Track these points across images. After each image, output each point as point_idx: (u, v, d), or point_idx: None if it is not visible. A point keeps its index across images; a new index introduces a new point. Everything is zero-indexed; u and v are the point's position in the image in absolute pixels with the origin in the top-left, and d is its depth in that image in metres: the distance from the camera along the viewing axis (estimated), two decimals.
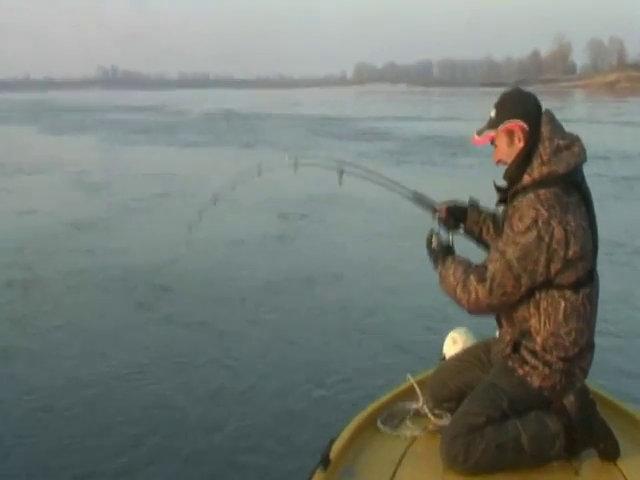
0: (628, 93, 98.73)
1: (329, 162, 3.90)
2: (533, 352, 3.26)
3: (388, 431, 3.54)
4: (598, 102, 70.34)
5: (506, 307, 3.29)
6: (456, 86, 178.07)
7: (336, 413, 5.06)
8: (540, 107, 3.32)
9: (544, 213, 3.10)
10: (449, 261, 3.41)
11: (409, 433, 3.52)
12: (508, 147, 3.30)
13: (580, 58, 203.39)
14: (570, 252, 3.11)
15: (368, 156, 23.12)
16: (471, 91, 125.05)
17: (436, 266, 3.47)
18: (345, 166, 3.83)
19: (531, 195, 3.18)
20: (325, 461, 3.14)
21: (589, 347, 3.33)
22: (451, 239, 3.59)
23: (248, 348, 6.52)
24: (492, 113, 3.36)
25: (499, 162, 3.38)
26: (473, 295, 3.23)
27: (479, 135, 3.40)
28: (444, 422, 3.50)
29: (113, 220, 12.71)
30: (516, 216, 3.19)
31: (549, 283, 3.17)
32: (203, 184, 16.35)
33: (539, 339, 3.25)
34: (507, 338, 3.36)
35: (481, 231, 3.70)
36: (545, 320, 3.22)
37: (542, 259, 3.11)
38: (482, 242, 3.71)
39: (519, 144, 3.27)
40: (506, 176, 3.36)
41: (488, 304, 3.24)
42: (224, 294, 8.06)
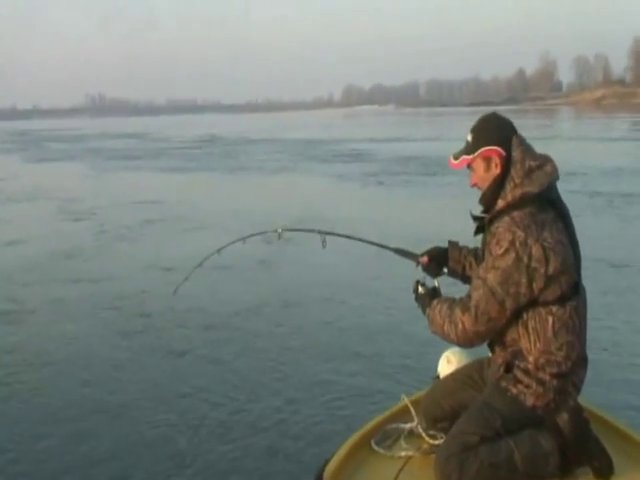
0: (615, 109, 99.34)
1: (314, 230, 4.13)
2: (526, 371, 3.26)
3: (382, 451, 3.55)
4: (586, 119, 70.67)
5: (494, 332, 3.29)
6: (444, 106, 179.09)
7: (329, 434, 5.02)
8: (515, 132, 3.33)
9: (520, 234, 3.12)
10: (434, 302, 3.44)
11: (403, 453, 3.52)
12: (485, 172, 3.32)
13: (566, 75, 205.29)
14: (551, 268, 3.12)
15: (348, 177, 23.26)
16: (459, 111, 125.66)
17: (424, 311, 3.51)
18: (327, 234, 4.09)
19: (506, 218, 3.20)
20: None
21: (582, 361, 3.33)
22: (437, 284, 3.65)
23: (237, 374, 6.47)
24: (469, 137, 3.37)
25: (475, 186, 3.40)
26: (460, 326, 3.24)
27: (455, 159, 3.41)
28: (438, 442, 3.50)
29: (98, 248, 12.60)
30: (493, 242, 3.20)
31: (534, 301, 3.18)
32: (187, 211, 16.55)
33: (531, 358, 3.24)
34: (499, 361, 3.36)
35: (464, 268, 3.74)
36: (535, 339, 3.22)
37: (523, 280, 3.12)
38: (467, 278, 3.72)
39: (496, 170, 3.28)
40: (482, 202, 3.38)
41: (475, 332, 3.24)
42: (210, 321, 7.96)
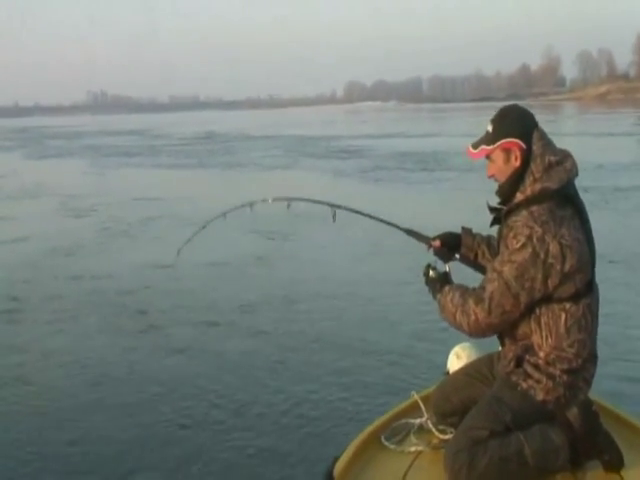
0: (620, 104, 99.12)
1: (325, 202, 4.09)
2: (536, 366, 3.26)
3: (392, 447, 3.55)
4: (591, 114, 70.51)
5: (506, 325, 3.29)
6: (446, 102, 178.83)
7: (337, 431, 5.05)
8: (536, 125, 3.30)
9: (538, 230, 3.10)
10: (446, 289, 3.42)
11: (413, 448, 3.54)
12: (504, 164, 3.29)
13: (569, 71, 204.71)
14: (567, 266, 3.11)
15: (343, 173, 23.42)
16: (461, 106, 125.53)
17: (435, 295, 3.49)
18: (340, 208, 4.01)
19: (524, 212, 3.19)
20: (329, 478, 3.15)
21: (592, 358, 3.33)
22: (448, 269, 3.62)
23: (240, 370, 6.47)
24: (489, 127, 3.33)
25: (492, 177, 3.38)
26: (472, 317, 3.24)
27: (475, 148, 3.38)
28: (448, 437, 3.51)
29: (98, 245, 12.64)
30: (510, 235, 3.18)
31: (548, 297, 3.17)
32: (186, 207, 16.50)
33: (542, 353, 3.25)
34: (510, 355, 3.36)
35: (476, 256, 3.72)
36: (547, 334, 3.22)
37: (539, 276, 3.11)
38: (478, 266, 3.71)
39: (515, 163, 3.25)
40: (499, 193, 3.37)
41: (488, 324, 3.24)
42: (211, 318, 7.96)
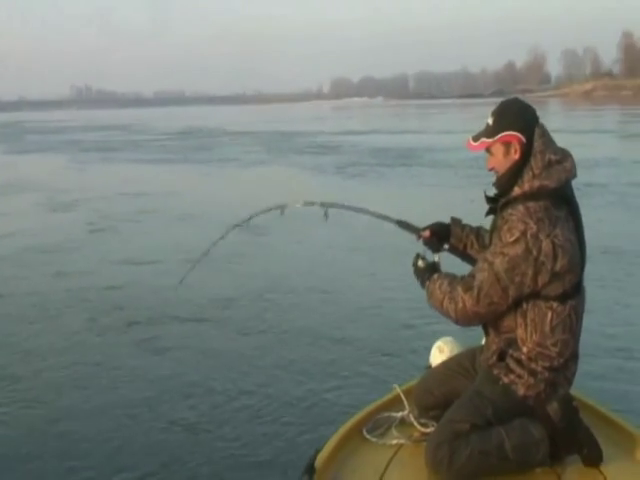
0: (605, 101, 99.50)
1: (317, 203, 4.06)
2: (519, 361, 3.29)
3: (374, 440, 3.56)
4: (577, 111, 70.74)
5: (492, 316, 3.31)
6: (433, 98, 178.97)
7: (319, 424, 5.06)
8: (537, 119, 3.32)
9: (533, 226, 3.13)
10: (435, 277, 3.44)
11: (395, 441, 3.54)
12: (504, 157, 3.31)
13: (554, 68, 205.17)
14: (558, 265, 3.14)
15: (321, 169, 23.53)
16: (447, 103, 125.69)
17: (423, 284, 3.51)
18: (332, 206, 4.01)
19: (520, 207, 3.20)
20: (310, 470, 3.16)
21: (574, 357, 3.36)
22: (437, 259, 3.64)
23: (226, 365, 6.46)
24: (489, 120, 3.35)
25: (492, 170, 3.40)
26: (460, 304, 3.26)
27: (475, 141, 3.40)
28: (429, 430, 3.52)
29: (79, 241, 12.55)
30: (505, 228, 3.20)
31: (536, 294, 3.20)
32: (165, 203, 16.65)
33: (525, 349, 3.27)
34: (493, 347, 3.38)
35: (465, 246, 3.73)
36: (532, 330, 3.25)
37: (529, 272, 3.14)
38: (467, 257, 3.73)
39: (515, 156, 3.27)
40: (497, 185, 3.39)
41: (475, 312, 3.27)
42: (197, 313, 7.97)
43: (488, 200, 3.48)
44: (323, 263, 10.44)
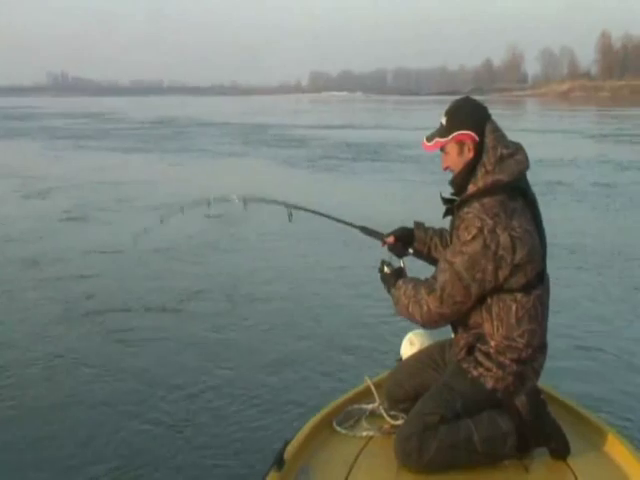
0: (582, 102, 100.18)
1: (280, 203, 4.14)
2: (487, 354, 3.31)
3: (344, 432, 3.57)
4: (555, 111, 71.14)
5: (458, 315, 3.34)
6: (412, 95, 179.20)
7: (290, 415, 5.09)
8: (489, 118, 3.36)
9: (489, 222, 3.15)
10: (399, 283, 3.46)
11: (364, 433, 3.56)
12: (458, 156, 3.34)
13: (531, 67, 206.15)
14: (517, 257, 3.16)
15: (289, 162, 23.70)
16: (426, 99, 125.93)
17: (389, 290, 3.53)
18: (295, 208, 4.09)
19: (476, 204, 3.23)
20: (279, 461, 3.16)
21: (542, 347, 3.38)
22: (402, 264, 3.67)
23: (192, 357, 6.46)
24: (443, 120, 3.38)
25: (447, 169, 3.43)
26: (425, 307, 3.28)
27: (429, 141, 3.43)
28: (399, 422, 3.54)
29: (47, 230, 12.47)
30: (462, 226, 3.23)
31: (499, 288, 3.22)
32: (138, 192, 16.62)
33: (493, 342, 3.30)
34: (461, 342, 3.41)
35: (430, 249, 3.76)
36: (498, 324, 3.27)
37: (490, 267, 3.16)
38: (432, 260, 3.74)
39: (469, 154, 3.31)
40: (453, 184, 3.42)
41: (440, 314, 3.29)
42: (158, 305, 7.94)
43: (444, 201, 3.50)
44: (293, 255, 10.50)
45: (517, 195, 3.26)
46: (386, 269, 3.60)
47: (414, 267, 3.68)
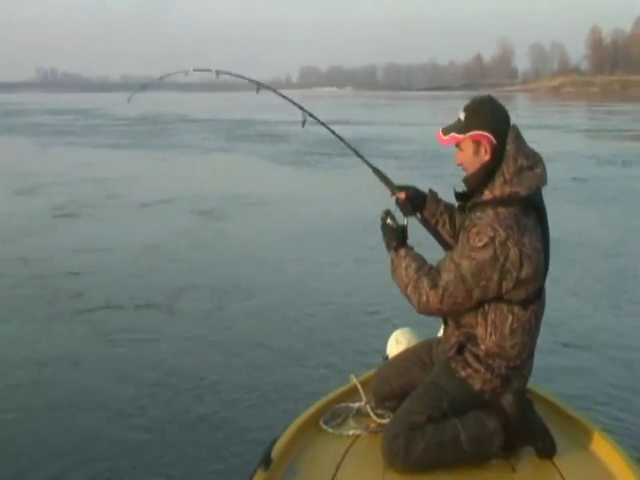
0: (573, 97, 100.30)
1: (296, 103, 4.33)
2: (476, 356, 3.31)
3: (330, 430, 3.57)
4: (547, 106, 71.22)
5: (455, 314, 3.34)
6: (403, 90, 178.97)
7: (277, 414, 5.07)
8: (509, 121, 3.31)
9: (502, 233, 3.13)
10: (402, 252, 3.41)
11: (351, 432, 3.55)
12: (473, 156, 3.29)
13: (521, 62, 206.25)
14: (523, 273, 3.16)
15: (263, 156, 24.11)
16: (416, 95, 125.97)
17: (389, 247, 3.47)
18: (310, 115, 4.23)
19: (490, 212, 3.20)
20: (266, 460, 3.15)
21: (530, 357, 3.40)
22: (406, 222, 3.58)
23: (176, 355, 6.45)
24: (461, 116, 3.32)
25: (460, 165, 3.38)
26: (424, 298, 3.26)
27: (445, 134, 3.37)
28: (386, 421, 3.53)
29: (33, 227, 12.33)
30: (474, 231, 3.20)
31: (499, 298, 3.23)
32: (123, 189, 16.59)
33: (483, 346, 3.30)
34: (452, 340, 3.40)
35: (437, 223, 3.70)
36: (491, 331, 3.27)
37: (495, 277, 3.16)
38: (436, 233, 3.71)
39: (485, 156, 3.26)
40: (466, 184, 3.38)
41: (438, 309, 3.29)
42: (146, 302, 7.91)
43: (457, 197, 3.49)
44: (280, 250, 10.49)
45: (531, 210, 3.24)
46: (389, 221, 3.53)
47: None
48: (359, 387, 3.79)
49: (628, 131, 35.82)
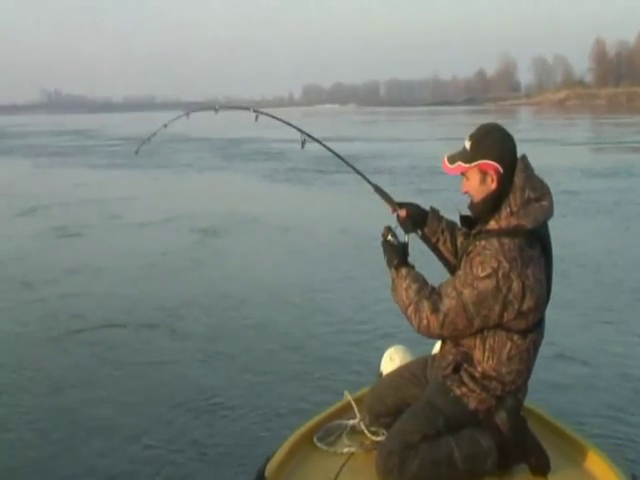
0: (578, 110, 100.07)
1: (291, 124, 4.28)
2: (472, 376, 3.31)
3: (325, 448, 3.56)
4: (552, 120, 71.12)
5: (454, 337, 3.33)
6: (405, 105, 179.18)
7: (270, 431, 5.05)
8: (516, 151, 3.28)
9: (505, 265, 3.11)
10: (403, 271, 3.39)
11: (345, 449, 3.55)
12: (480, 185, 3.26)
13: (525, 76, 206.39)
14: (525, 305, 3.16)
15: (256, 174, 24.11)
16: (418, 110, 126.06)
17: (390, 264, 3.46)
18: (308, 136, 4.20)
19: (495, 242, 3.17)
20: (261, 478, 3.15)
21: (526, 380, 3.40)
22: (407, 239, 3.57)
23: (167, 371, 6.45)
24: (467, 145, 3.29)
25: (466, 193, 3.35)
26: (425, 322, 3.24)
27: (451, 163, 3.33)
28: (380, 438, 3.53)
29: (32, 249, 12.28)
30: (477, 260, 3.17)
31: (499, 325, 3.22)
32: (120, 209, 16.56)
33: (480, 368, 3.30)
34: (449, 358, 3.39)
35: (438, 240, 3.69)
36: (489, 355, 3.27)
37: (497, 308, 3.15)
38: (437, 250, 3.69)
39: (491, 185, 3.23)
40: (472, 210, 3.36)
41: (438, 334, 3.29)
42: (145, 322, 7.87)
43: (462, 221, 3.47)
44: (277, 268, 10.46)
45: (536, 241, 3.23)
46: (390, 238, 3.52)
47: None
48: (353, 404, 3.78)
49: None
